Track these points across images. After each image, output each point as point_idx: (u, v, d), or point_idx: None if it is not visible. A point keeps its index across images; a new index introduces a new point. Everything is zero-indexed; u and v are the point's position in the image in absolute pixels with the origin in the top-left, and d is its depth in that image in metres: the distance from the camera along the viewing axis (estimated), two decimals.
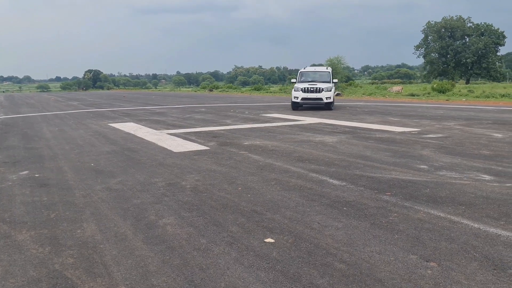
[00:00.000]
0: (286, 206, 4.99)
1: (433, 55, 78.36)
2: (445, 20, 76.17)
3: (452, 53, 74.59)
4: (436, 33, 75.98)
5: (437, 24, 76.41)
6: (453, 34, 75.60)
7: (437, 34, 75.90)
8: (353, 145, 9.12)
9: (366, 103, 24.25)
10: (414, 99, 29.75)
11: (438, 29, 76.00)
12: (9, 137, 11.88)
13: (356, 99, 30.75)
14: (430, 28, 76.94)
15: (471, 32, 75.08)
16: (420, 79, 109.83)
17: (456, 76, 74.84)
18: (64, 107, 26.00)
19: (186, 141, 10.37)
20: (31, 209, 5.18)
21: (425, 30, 77.50)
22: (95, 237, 4.19)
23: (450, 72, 75.31)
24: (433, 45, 77.58)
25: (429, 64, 79.08)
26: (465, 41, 76.12)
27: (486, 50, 71.57)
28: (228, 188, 5.90)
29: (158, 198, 5.51)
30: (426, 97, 30.99)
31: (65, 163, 7.96)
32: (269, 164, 7.40)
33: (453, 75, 74.08)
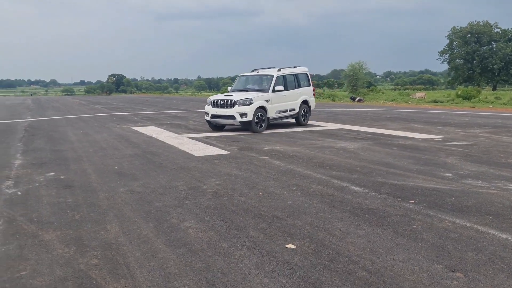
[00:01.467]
0: (307, 212, 4.97)
1: (458, 61, 77.01)
2: (471, 25, 74.85)
3: (478, 59, 73.17)
4: (461, 39, 74.69)
5: (462, 29, 75.11)
6: (479, 40, 74.20)
7: (462, 40, 74.61)
8: (375, 152, 9.02)
9: (388, 109, 23.98)
10: (438, 105, 29.29)
11: (463, 34, 74.70)
12: (35, 139, 12.17)
13: (378, 105, 30.44)
14: (455, 34, 75.70)
15: (498, 38, 73.56)
16: (444, 86, 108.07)
17: (482, 82, 73.36)
18: (88, 111, 26.51)
19: (207, 145, 10.44)
20: (57, 210, 5.29)
21: (450, 36, 76.28)
22: (118, 239, 4.26)
23: (476, 78, 73.86)
24: (458, 51, 76.27)
25: (454, 70, 77.73)
26: (492, 46, 74.60)
27: None
28: (249, 193, 5.91)
29: (180, 201, 5.56)
30: (450, 104, 30.47)
31: (89, 165, 8.10)
32: (290, 169, 7.39)
33: (479, 82, 72.63)
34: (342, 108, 26.22)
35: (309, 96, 15.08)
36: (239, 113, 12.62)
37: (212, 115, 13.22)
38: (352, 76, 52.30)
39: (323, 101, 38.67)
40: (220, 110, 12.96)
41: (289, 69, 14.64)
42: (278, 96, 13.55)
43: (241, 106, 12.64)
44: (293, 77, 14.59)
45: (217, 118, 13.16)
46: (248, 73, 15.01)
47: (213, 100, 13.23)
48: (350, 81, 53.04)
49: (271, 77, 13.77)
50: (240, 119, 12.65)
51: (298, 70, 14.95)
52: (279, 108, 13.71)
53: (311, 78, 15.60)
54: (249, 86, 14.25)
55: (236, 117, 12.65)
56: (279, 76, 13.88)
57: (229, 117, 12.83)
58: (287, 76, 14.24)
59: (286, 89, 13.94)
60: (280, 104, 13.73)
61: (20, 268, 3.63)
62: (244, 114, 12.63)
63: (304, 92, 14.84)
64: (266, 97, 13.21)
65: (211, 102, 13.29)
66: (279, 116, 13.86)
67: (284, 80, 14.03)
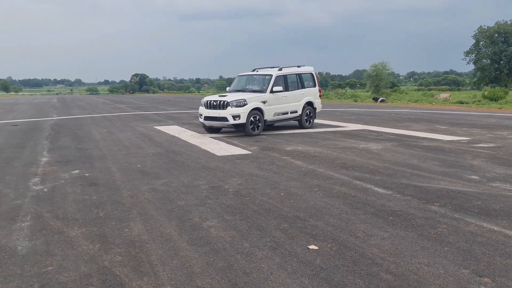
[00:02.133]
0: (329, 213, 4.93)
1: (484, 61, 75.23)
2: (498, 25, 73.04)
3: (506, 59, 71.35)
4: (488, 38, 72.94)
5: (489, 29, 73.35)
6: (507, 39, 72.34)
7: (489, 39, 72.85)
8: (399, 153, 8.89)
9: (412, 110, 23.60)
10: (463, 106, 28.66)
11: (490, 34, 72.94)
12: (61, 137, 12.44)
13: (401, 105, 30.00)
14: (482, 33, 73.97)
15: None
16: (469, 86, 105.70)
17: (510, 83, 71.41)
18: (112, 110, 26.94)
19: (228, 145, 10.47)
20: (82, 207, 5.39)
21: (477, 35, 74.57)
22: (141, 237, 4.30)
23: (503, 79, 71.99)
24: (485, 51, 74.51)
25: (480, 70, 75.99)
26: None
27: None
28: (271, 193, 5.90)
29: (202, 200, 5.58)
30: (476, 105, 29.78)
31: (113, 163, 8.23)
32: (312, 170, 7.34)
33: (506, 82, 70.77)
34: (365, 108, 25.93)
35: (315, 98, 14.21)
36: (232, 115, 11.92)
37: (205, 117, 12.61)
38: (375, 76, 51.75)
39: (345, 101, 38.32)
40: (213, 112, 12.32)
41: (292, 69, 13.84)
42: (277, 97, 12.79)
43: (234, 107, 11.95)
44: (295, 77, 13.77)
45: (210, 120, 12.54)
46: (247, 73, 14.30)
47: (206, 101, 12.61)
48: (372, 82, 52.50)
49: (269, 77, 12.97)
50: (233, 121, 11.96)
51: (302, 70, 14.10)
52: (278, 110, 12.92)
53: (317, 78, 14.75)
54: (248, 87, 13.54)
55: (229, 119, 11.96)
56: (279, 76, 13.10)
57: (221, 119, 12.17)
58: (288, 76, 13.45)
59: (287, 90, 13.18)
60: (280, 105, 12.94)
61: (47, 263, 3.71)
62: (237, 116, 11.91)
63: (308, 93, 13.95)
64: (262, 98, 12.46)
65: (204, 103, 12.68)
66: (278, 118, 13.07)
67: (284, 80, 13.24)
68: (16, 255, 3.89)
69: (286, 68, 13.66)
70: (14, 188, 6.43)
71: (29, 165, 8.17)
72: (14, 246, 4.11)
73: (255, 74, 13.86)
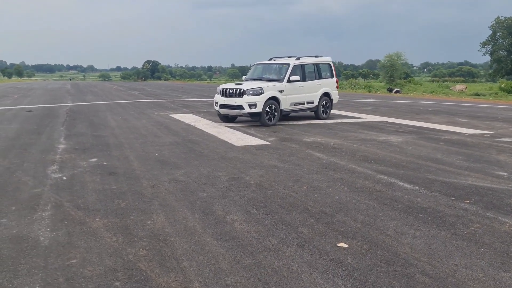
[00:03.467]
0: (356, 209, 4.79)
1: (501, 53, 73.80)
2: None
3: None
4: (505, 29, 71.38)
5: (507, 19, 71.73)
6: None
7: (507, 31, 71.30)
8: (420, 146, 8.68)
9: (429, 102, 23.21)
10: (480, 99, 28.12)
11: (508, 25, 71.34)
12: (77, 124, 12.41)
13: (417, 97, 29.55)
14: (499, 24, 72.40)
15: None
16: (484, 78, 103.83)
17: None
18: (126, 97, 26.93)
19: (246, 135, 10.34)
20: (102, 197, 5.31)
21: (494, 26, 73.00)
22: (165, 230, 4.21)
23: None
24: (502, 42, 73.02)
25: (496, 62, 74.57)
26: None
27: None
28: (293, 186, 5.77)
29: (224, 192, 5.47)
30: (493, 98, 29.19)
31: (131, 152, 8.15)
32: (333, 162, 7.18)
33: None
34: (380, 99, 25.58)
35: (332, 89, 13.97)
36: (248, 103, 11.73)
37: (220, 105, 12.41)
38: (389, 66, 51.07)
39: (359, 91, 37.91)
40: (229, 100, 12.12)
41: (310, 58, 13.62)
42: (293, 86, 12.62)
43: (250, 96, 11.76)
44: (313, 67, 13.56)
45: (225, 108, 12.35)
46: (264, 62, 14.06)
47: (222, 88, 12.44)
48: (387, 72, 51.84)
49: (287, 66, 12.76)
50: (249, 110, 11.76)
51: (319, 60, 13.89)
52: (295, 100, 12.73)
53: (335, 68, 14.47)
54: (264, 75, 13.37)
55: (245, 107, 11.77)
56: (297, 65, 12.90)
57: (237, 108, 11.98)
58: (306, 66, 13.25)
59: (304, 80, 12.98)
60: (296, 95, 12.75)
61: (70, 256, 3.63)
62: (253, 104, 11.73)
63: (325, 84, 13.76)
64: (279, 87, 12.29)
65: (220, 91, 12.50)
66: (294, 108, 12.90)
67: (302, 69, 13.03)
68: (39, 246, 3.82)
69: (303, 58, 13.44)
70: (32, 175, 6.38)
71: (46, 152, 8.13)
72: (36, 237, 4.04)
73: (272, 63, 13.62)
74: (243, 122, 12.74)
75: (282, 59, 13.62)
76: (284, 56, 13.99)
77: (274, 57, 14.07)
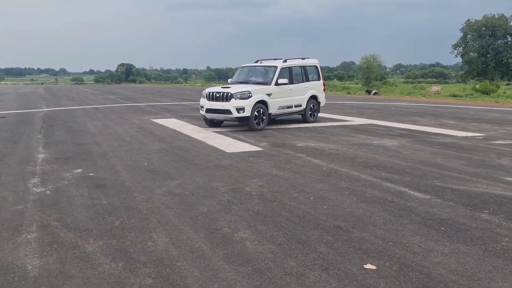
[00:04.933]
0: (372, 223, 4.46)
1: (472, 55, 75.54)
2: (486, 18, 73.25)
3: (493, 53, 71.68)
4: (476, 32, 73.18)
5: (477, 22, 73.56)
6: (494, 33, 72.63)
7: (477, 33, 73.08)
8: (418, 151, 8.46)
9: (410, 104, 23.29)
10: (458, 100, 28.48)
11: (478, 27, 73.17)
12: (55, 130, 11.75)
13: (395, 98, 29.71)
14: (469, 27, 74.12)
15: None
16: (455, 79, 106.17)
17: (496, 76, 71.81)
18: (103, 101, 26.10)
19: (235, 140, 9.94)
20: (93, 214, 4.83)
21: (464, 29, 74.69)
22: (169, 252, 3.78)
23: (490, 72, 72.39)
24: (472, 44, 74.81)
25: (468, 63, 76.27)
26: (506, 40, 73.10)
27: None
28: (299, 197, 5.41)
29: (226, 206, 5.07)
30: (470, 98, 29.64)
31: (117, 161, 7.65)
32: (334, 170, 6.87)
33: (493, 76, 71.20)
34: (361, 101, 25.56)
35: (319, 91, 13.74)
36: (236, 107, 11.29)
37: (206, 109, 11.92)
38: (366, 68, 51.57)
39: (338, 93, 37.96)
40: (216, 104, 11.64)
41: (297, 61, 13.30)
42: (281, 90, 12.19)
43: (238, 99, 11.31)
44: (300, 70, 13.24)
45: (212, 113, 11.88)
46: (250, 64, 13.61)
47: (209, 92, 11.93)
48: (363, 74, 52.32)
49: (274, 69, 12.34)
50: (237, 114, 11.32)
51: (306, 62, 13.57)
52: (283, 103, 12.36)
53: (321, 70, 14.17)
54: (251, 78, 12.87)
55: (232, 112, 11.33)
56: (284, 67, 12.52)
57: (224, 112, 11.53)
58: (293, 68, 12.88)
59: (291, 83, 12.59)
60: (284, 99, 12.36)
61: None
62: (241, 109, 11.29)
63: (312, 87, 13.46)
64: (267, 91, 11.86)
65: (206, 94, 12.00)
66: (282, 112, 12.50)
67: (289, 72, 12.67)
68: (28, 278, 3.34)
69: (290, 60, 13.13)
70: (12, 190, 5.83)
71: (25, 163, 7.54)
72: (23, 265, 3.55)
73: (259, 66, 13.25)
74: (230, 127, 12.32)
75: (268, 62, 13.30)
76: (270, 59, 13.68)
77: (259, 60, 13.73)
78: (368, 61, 52.01)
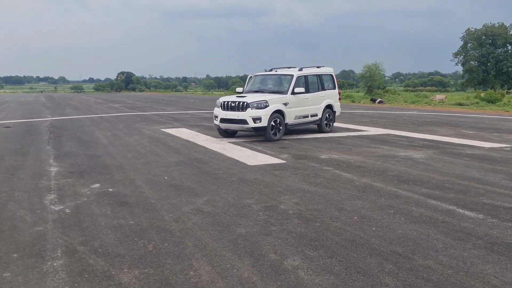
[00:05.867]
0: (432, 247, 4.05)
1: (472, 63, 75.57)
2: (486, 27, 73.40)
3: (493, 61, 71.71)
4: (476, 41, 73.28)
5: (477, 31, 73.73)
6: (494, 42, 72.74)
7: (477, 42, 73.19)
8: (449, 163, 8.07)
9: (420, 112, 22.95)
10: (465, 109, 28.19)
11: (478, 36, 73.31)
12: (64, 141, 11.34)
13: (402, 107, 29.40)
14: (469, 35, 74.23)
15: None
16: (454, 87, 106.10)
17: (497, 85, 71.74)
18: (107, 110, 25.72)
19: (254, 152, 9.53)
20: (122, 236, 4.42)
21: (465, 37, 74.82)
22: (216, 284, 3.37)
23: (490, 81, 72.39)
24: (473, 53, 74.88)
25: (468, 72, 76.27)
26: (506, 49, 73.17)
27: None
28: (341, 216, 5.00)
29: (264, 227, 4.66)
30: (477, 107, 29.35)
31: (136, 175, 7.24)
32: (369, 185, 6.46)
33: (493, 84, 71.16)
34: (369, 110, 25.24)
35: (334, 100, 13.39)
36: (252, 117, 10.90)
37: (221, 119, 11.48)
38: (368, 77, 51.47)
39: (343, 102, 37.62)
40: (231, 114, 11.23)
41: (312, 69, 12.93)
42: (298, 99, 11.85)
43: (254, 109, 10.93)
44: (316, 78, 12.90)
45: (227, 123, 11.43)
46: (264, 72, 13.34)
47: (223, 102, 11.55)
48: (366, 82, 52.19)
49: (290, 77, 12.01)
50: (253, 124, 10.93)
51: (322, 71, 13.23)
52: (299, 113, 11.98)
53: (336, 79, 13.88)
54: (266, 87, 12.51)
55: (249, 122, 10.93)
56: (300, 76, 12.16)
57: (240, 122, 11.10)
58: (309, 77, 12.54)
59: (307, 92, 12.22)
60: (301, 108, 11.98)
61: None
62: (257, 118, 10.90)
63: (328, 96, 13.13)
64: (284, 100, 11.49)
65: (221, 104, 11.62)
66: (298, 122, 12.12)
67: (305, 81, 12.31)
68: None
69: (306, 69, 12.76)
70: (29, 208, 5.41)
71: (38, 177, 7.13)
72: None
73: (274, 74, 12.90)
74: (245, 137, 11.93)
75: (283, 70, 12.97)
76: (284, 67, 13.39)
77: (273, 68, 13.40)
78: (371, 70, 51.93)
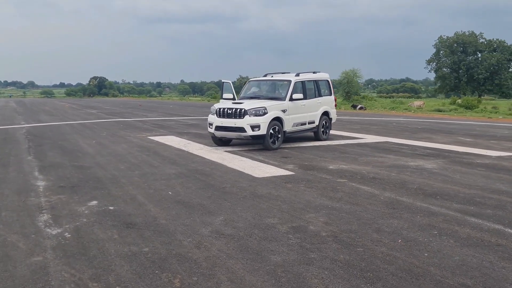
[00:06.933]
0: (503, 279, 3.56)
1: (444, 70, 77.28)
2: (457, 35, 75.33)
3: (465, 69, 73.60)
4: (448, 48, 75.08)
5: (449, 39, 75.62)
6: (465, 50, 74.68)
7: (449, 49, 75.00)
8: (465, 174, 7.70)
9: (406, 119, 22.87)
10: (445, 115, 28.42)
11: (450, 44, 75.18)
12: (46, 151, 10.47)
13: (382, 113, 29.38)
14: (442, 43, 76.01)
15: (484, 48, 74.40)
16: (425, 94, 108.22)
17: (468, 91, 73.52)
18: (85, 116, 24.62)
19: (256, 162, 8.95)
20: (139, 268, 3.75)
21: (437, 45, 76.60)
22: None
23: (462, 87, 74.20)
24: (445, 60, 76.64)
25: (441, 79, 77.93)
26: (477, 56, 75.19)
27: (499, 66, 70.67)
28: (382, 239, 4.47)
29: (301, 254, 4.08)
30: (457, 113, 29.65)
31: (135, 189, 6.54)
32: (395, 200, 5.97)
33: (465, 91, 72.90)
34: (353, 116, 25.03)
35: (331, 107, 12.95)
36: (250, 125, 10.36)
37: (216, 127, 10.90)
38: (346, 83, 51.69)
39: None
40: (227, 121, 10.66)
41: (309, 75, 12.49)
42: (296, 105, 11.35)
43: (252, 116, 10.39)
44: (313, 84, 12.43)
45: (222, 130, 10.86)
46: (259, 78, 12.74)
47: (219, 108, 10.92)
48: (344, 89, 52.41)
49: (288, 83, 11.48)
50: (251, 132, 10.37)
51: (318, 76, 12.78)
52: (297, 120, 11.48)
53: (332, 86, 13.45)
54: (262, 93, 11.98)
55: (247, 130, 10.38)
56: (297, 82, 11.70)
57: (237, 130, 10.56)
58: (306, 83, 12.06)
59: (305, 98, 11.74)
60: (299, 115, 11.49)
61: None
62: (256, 126, 10.36)
63: (325, 102, 12.69)
64: (282, 107, 10.96)
65: (216, 111, 11.00)
66: (296, 129, 11.62)
67: (303, 87, 11.84)
68: None
69: (302, 74, 12.28)
70: (21, 232, 4.68)
71: (24, 193, 6.35)
72: None
73: (270, 80, 12.34)
74: (241, 146, 11.32)
75: (280, 75, 12.44)
76: (279, 72, 12.85)
77: (269, 73, 12.85)
78: (349, 76, 52.15)
